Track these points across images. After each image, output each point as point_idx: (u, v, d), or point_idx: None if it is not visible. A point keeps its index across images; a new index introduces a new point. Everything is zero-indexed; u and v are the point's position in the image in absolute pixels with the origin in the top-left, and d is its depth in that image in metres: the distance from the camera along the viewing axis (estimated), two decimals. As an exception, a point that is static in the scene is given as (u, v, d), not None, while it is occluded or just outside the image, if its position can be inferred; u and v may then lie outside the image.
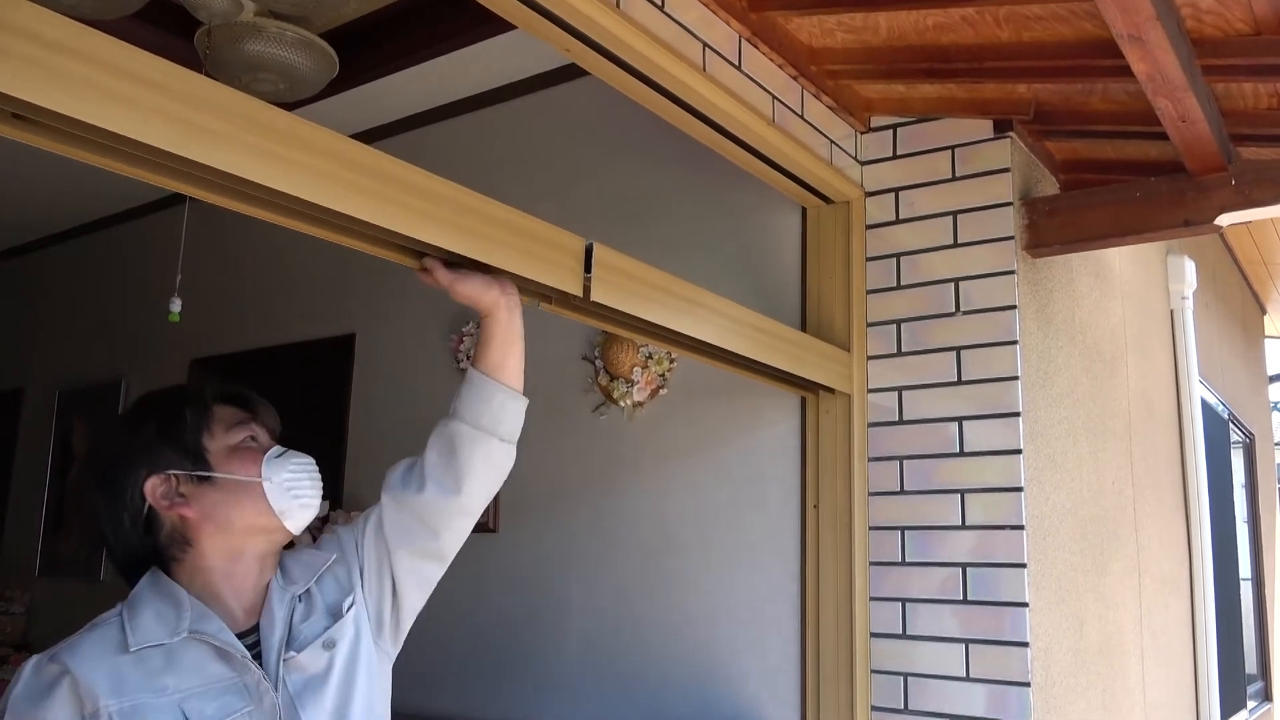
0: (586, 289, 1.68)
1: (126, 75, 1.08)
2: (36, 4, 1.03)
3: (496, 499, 3.00)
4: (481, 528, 3.02)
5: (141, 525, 1.28)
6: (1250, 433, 5.62)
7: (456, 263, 1.48)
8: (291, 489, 1.30)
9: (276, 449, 1.34)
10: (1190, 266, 3.67)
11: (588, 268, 1.69)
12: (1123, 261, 3.15)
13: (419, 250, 1.48)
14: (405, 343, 3.36)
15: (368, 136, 3.43)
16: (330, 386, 3.51)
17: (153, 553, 1.29)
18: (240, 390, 1.38)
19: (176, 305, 2.47)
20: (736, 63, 2.12)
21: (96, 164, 1.16)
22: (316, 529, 3.18)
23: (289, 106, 2.95)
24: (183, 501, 1.27)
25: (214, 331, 3.92)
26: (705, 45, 2.03)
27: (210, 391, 1.35)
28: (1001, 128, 2.36)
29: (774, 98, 2.24)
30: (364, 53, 3.01)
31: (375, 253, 1.49)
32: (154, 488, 1.27)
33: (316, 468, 1.36)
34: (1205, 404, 4.06)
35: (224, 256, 3.91)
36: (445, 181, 1.44)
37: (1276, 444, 8.57)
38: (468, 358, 3.12)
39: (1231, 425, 5.07)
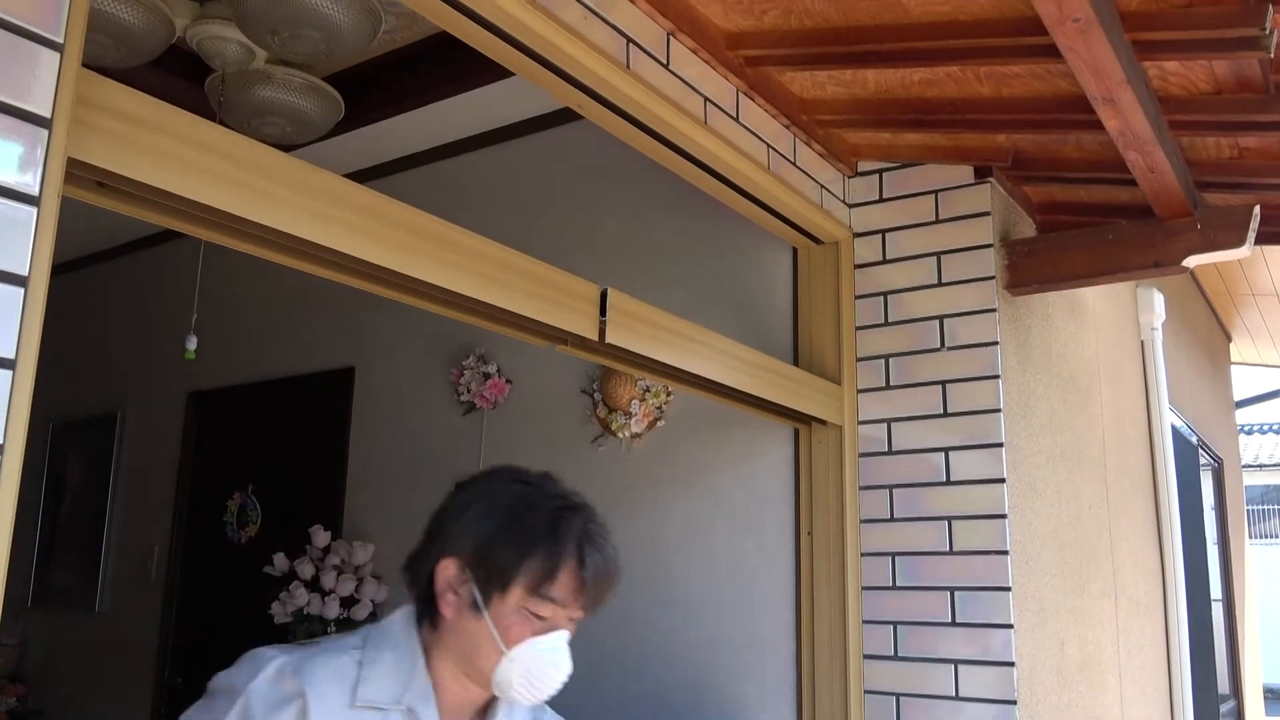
0: (602, 332, 1.79)
1: (200, 146, 1.19)
2: (113, 80, 1.14)
3: (497, 528, 3.10)
4: (482, 556, 3.11)
5: (425, 578, 1.28)
6: (1219, 457, 5.80)
7: None
8: (523, 681, 1.27)
9: (550, 640, 1.28)
10: (1159, 299, 3.83)
11: (603, 311, 1.80)
12: (1095, 296, 3.29)
13: (451, 301, 1.59)
14: (404, 376, 3.44)
15: (369, 175, 3.54)
16: (330, 419, 3.59)
17: (419, 599, 1.30)
18: (603, 571, 1.30)
19: (192, 343, 2.55)
20: (734, 115, 2.25)
21: (169, 226, 1.26)
22: (319, 558, 3.25)
23: (294, 147, 3.07)
24: (452, 600, 1.26)
25: (213, 365, 3.99)
26: (706, 100, 2.15)
27: (570, 551, 1.27)
28: (982, 173, 2.50)
29: (769, 146, 2.37)
30: (368, 95, 3.11)
31: (408, 301, 1.59)
32: (447, 567, 1.27)
33: (563, 678, 1.31)
34: (1175, 430, 4.21)
35: (224, 290, 3.99)
36: (476, 236, 1.55)
37: (1244, 467, 8.79)
38: (468, 390, 3.21)
39: (1201, 450, 5.24)
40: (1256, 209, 2.23)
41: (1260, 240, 2.34)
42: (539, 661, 1.27)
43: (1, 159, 0.99)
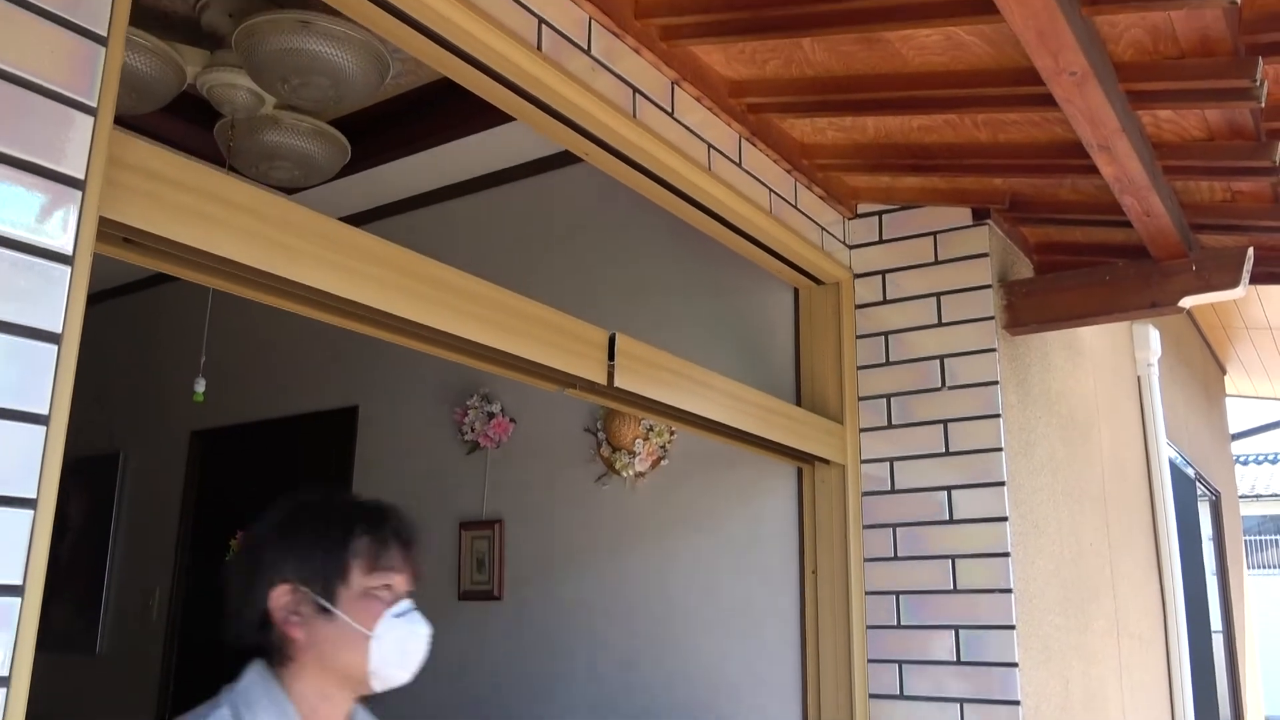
0: (610, 376, 1.82)
1: (224, 202, 1.22)
2: (145, 139, 1.17)
3: (500, 567, 3.11)
4: (486, 595, 3.12)
5: (257, 622, 1.32)
6: (1216, 490, 5.82)
7: None
8: (396, 654, 1.32)
9: (401, 606, 1.34)
10: (1154, 335, 3.87)
11: (611, 356, 1.83)
12: (1092, 333, 3.33)
13: (464, 347, 1.62)
14: (408, 415, 3.46)
15: (373, 216, 3.58)
16: (334, 458, 3.60)
17: (262, 648, 1.34)
18: (408, 529, 1.39)
19: (201, 385, 2.58)
20: (737, 160, 2.29)
21: (193, 279, 1.29)
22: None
23: (300, 189, 3.08)
24: (297, 621, 1.30)
25: (216, 404, 3.99)
26: (710, 146, 2.20)
27: (385, 521, 1.36)
28: (979, 215, 2.55)
29: (770, 190, 2.41)
30: (373, 139, 3.16)
31: (421, 348, 1.62)
32: (280, 595, 1.30)
33: (429, 637, 1.36)
34: (1173, 464, 4.24)
35: (227, 330, 4.01)
36: (487, 284, 1.59)
37: (1241, 497, 8.81)
38: (472, 430, 3.23)
39: (1198, 482, 5.26)
40: (1250, 250, 2.27)
41: (1254, 280, 2.38)
42: (403, 629, 1.33)
43: (38, 220, 1.02)
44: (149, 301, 4.46)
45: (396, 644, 1.31)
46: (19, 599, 0.97)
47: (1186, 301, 2.34)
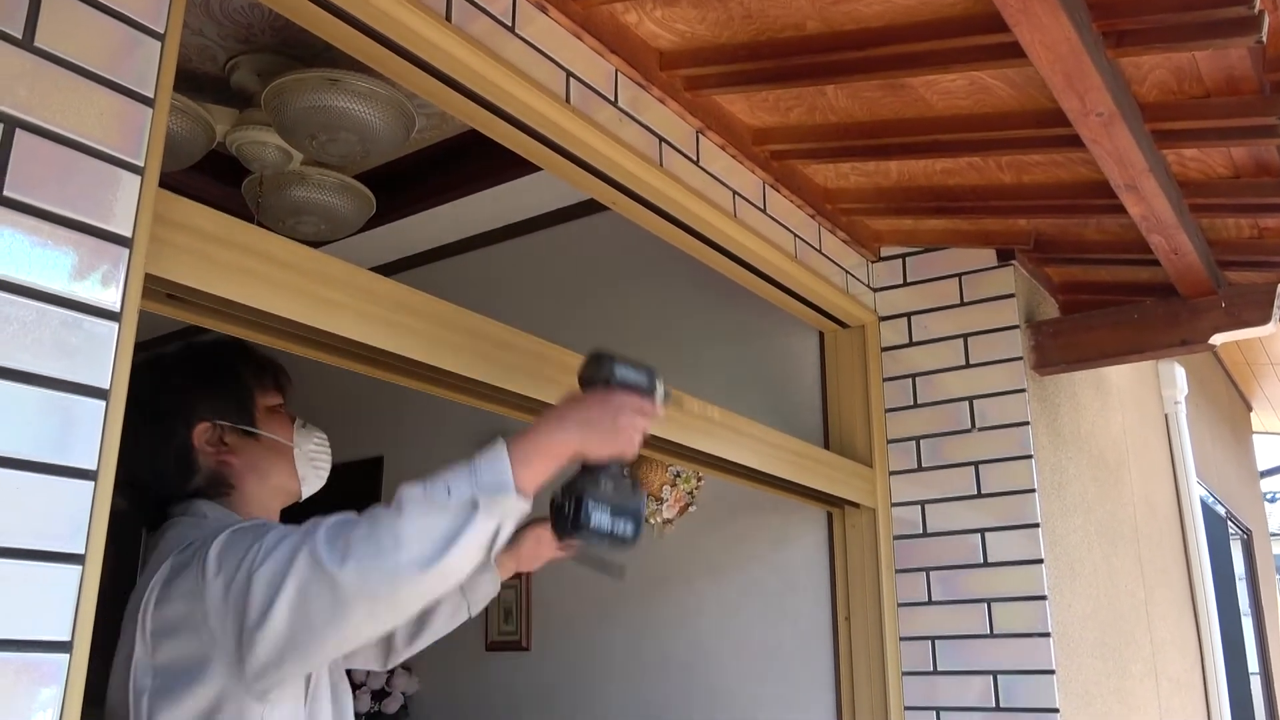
0: (642, 422, 1.81)
1: (266, 258, 1.23)
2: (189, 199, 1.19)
3: (528, 617, 3.09)
4: (514, 645, 3.09)
5: (181, 466, 1.37)
6: (1247, 528, 5.74)
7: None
8: (314, 459, 1.48)
9: (300, 420, 1.50)
10: (1180, 373, 3.84)
11: (642, 402, 1.82)
12: (1118, 371, 3.31)
13: (496, 397, 1.62)
14: (434, 463, 3.44)
15: (399, 267, 3.60)
16: (359, 509, 3.59)
17: (191, 491, 1.39)
18: (267, 353, 1.51)
19: (230, 439, 2.58)
20: (762, 206, 2.31)
21: (233, 334, 1.30)
22: (349, 651, 3.22)
23: (327, 243, 3.10)
24: (227, 450, 1.39)
25: (240, 456, 4.01)
26: (735, 193, 2.21)
27: (252, 350, 1.48)
28: (1004, 256, 2.55)
29: (795, 235, 2.43)
30: (398, 191, 3.19)
31: (454, 398, 1.62)
32: (202, 434, 1.38)
33: (329, 444, 1.52)
34: (1203, 503, 4.18)
35: (251, 383, 4.03)
36: (523, 334, 1.60)
37: (1271, 535, 8.68)
38: (497, 479, 3.22)
39: (1229, 521, 5.19)
40: (1279, 286, 2.26)
41: (1283, 316, 2.37)
42: (312, 439, 1.50)
43: (87, 278, 1.03)
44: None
45: (312, 451, 1.47)
46: (68, 655, 0.97)
47: (1217, 339, 2.33)
